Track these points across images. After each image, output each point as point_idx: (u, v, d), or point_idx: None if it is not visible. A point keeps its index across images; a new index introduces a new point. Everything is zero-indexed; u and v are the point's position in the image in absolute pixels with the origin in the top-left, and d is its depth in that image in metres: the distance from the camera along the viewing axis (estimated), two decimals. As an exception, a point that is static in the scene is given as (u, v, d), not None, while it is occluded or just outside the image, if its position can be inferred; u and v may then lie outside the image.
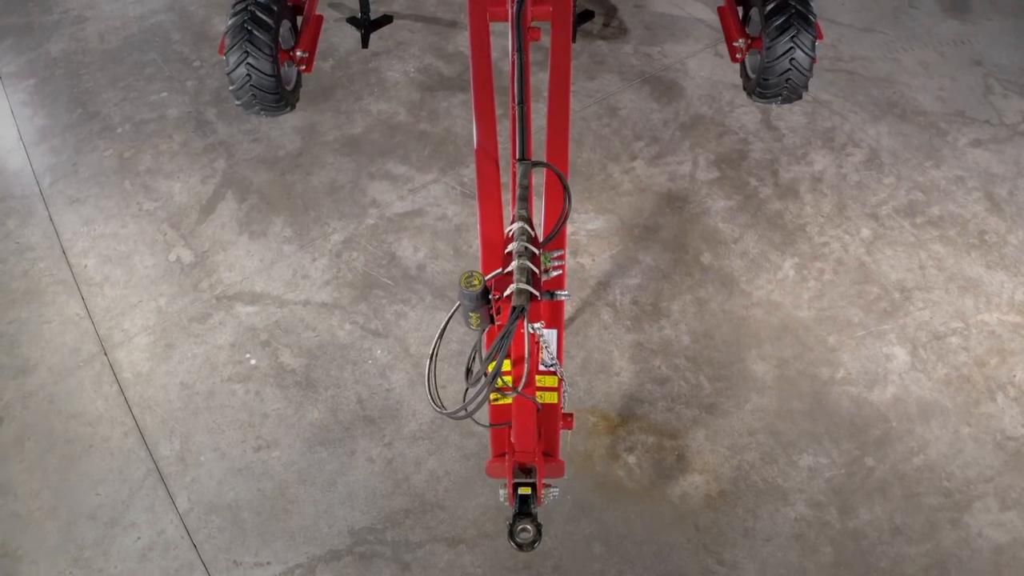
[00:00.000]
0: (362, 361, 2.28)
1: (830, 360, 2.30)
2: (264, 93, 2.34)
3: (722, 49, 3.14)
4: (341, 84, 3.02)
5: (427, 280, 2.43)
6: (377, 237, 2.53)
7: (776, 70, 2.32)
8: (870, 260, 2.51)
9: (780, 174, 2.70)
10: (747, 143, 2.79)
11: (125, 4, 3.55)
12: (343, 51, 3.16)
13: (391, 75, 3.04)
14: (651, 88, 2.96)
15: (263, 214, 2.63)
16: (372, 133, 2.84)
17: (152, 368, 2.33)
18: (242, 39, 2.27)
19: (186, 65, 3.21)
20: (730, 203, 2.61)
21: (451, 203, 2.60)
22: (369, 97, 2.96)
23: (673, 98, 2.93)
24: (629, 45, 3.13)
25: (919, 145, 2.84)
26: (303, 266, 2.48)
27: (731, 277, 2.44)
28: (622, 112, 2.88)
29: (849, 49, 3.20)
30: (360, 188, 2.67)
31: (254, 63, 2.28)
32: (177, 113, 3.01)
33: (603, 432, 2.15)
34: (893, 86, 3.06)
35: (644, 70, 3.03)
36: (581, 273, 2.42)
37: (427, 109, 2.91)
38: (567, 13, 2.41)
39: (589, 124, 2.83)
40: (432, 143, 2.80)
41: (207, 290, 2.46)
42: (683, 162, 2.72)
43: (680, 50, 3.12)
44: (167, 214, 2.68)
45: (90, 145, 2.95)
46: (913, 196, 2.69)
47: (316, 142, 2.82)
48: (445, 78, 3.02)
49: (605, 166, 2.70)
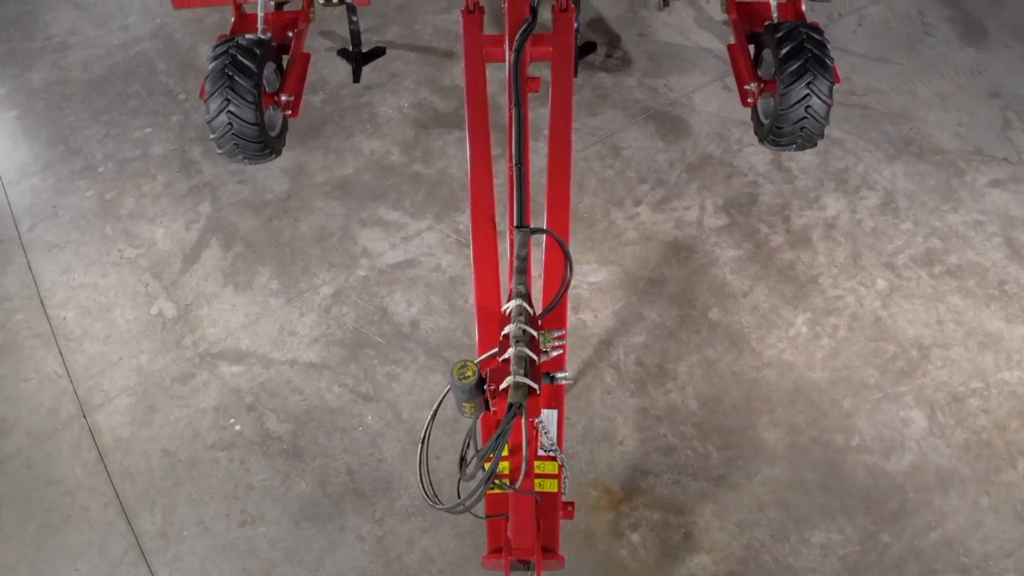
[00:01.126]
0: (352, 428, 2.17)
1: (845, 426, 2.20)
2: (247, 142, 2.21)
3: (730, 82, 3.01)
4: (332, 120, 2.89)
5: (420, 338, 2.32)
6: (368, 290, 2.41)
7: (791, 118, 2.18)
8: (886, 315, 2.40)
9: (792, 220, 2.58)
10: (757, 186, 2.67)
11: (110, 30, 3.43)
12: (334, 84, 3.03)
13: (384, 110, 2.90)
14: (656, 125, 2.84)
15: (249, 264, 2.51)
16: (364, 175, 2.72)
17: (133, 433, 2.23)
18: (223, 85, 2.13)
19: (171, 98, 3.08)
20: (739, 252, 2.50)
21: (446, 252, 2.48)
22: (361, 135, 2.84)
23: (679, 136, 2.81)
24: (633, 77, 2.99)
25: (936, 186, 2.73)
26: (290, 322, 2.38)
27: (741, 335, 2.33)
28: (626, 152, 2.75)
29: (863, 81, 3.07)
30: (351, 236, 2.55)
31: (236, 111, 2.14)
32: (161, 151, 2.89)
33: (605, 507, 2.05)
34: (909, 121, 2.93)
35: (649, 105, 2.90)
36: (583, 331, 2.31)
37: (421, 148, 2.78)
38: (568, 52, 2.29)
39: (591, 165, 2.71)
40: (426, 186, 2.68)
41: (190, 347, 2.36)
42: (690, 207, 2.60)
43: (686, 83, 2.98)
44: (149, 263, 2.57)
45: (71, 185, 2.83)
46: (931, 243, 2.57)
47: (305, 184, 2.71)
48: (440, 114, 2.89)
49: (608, 212, 2.58)
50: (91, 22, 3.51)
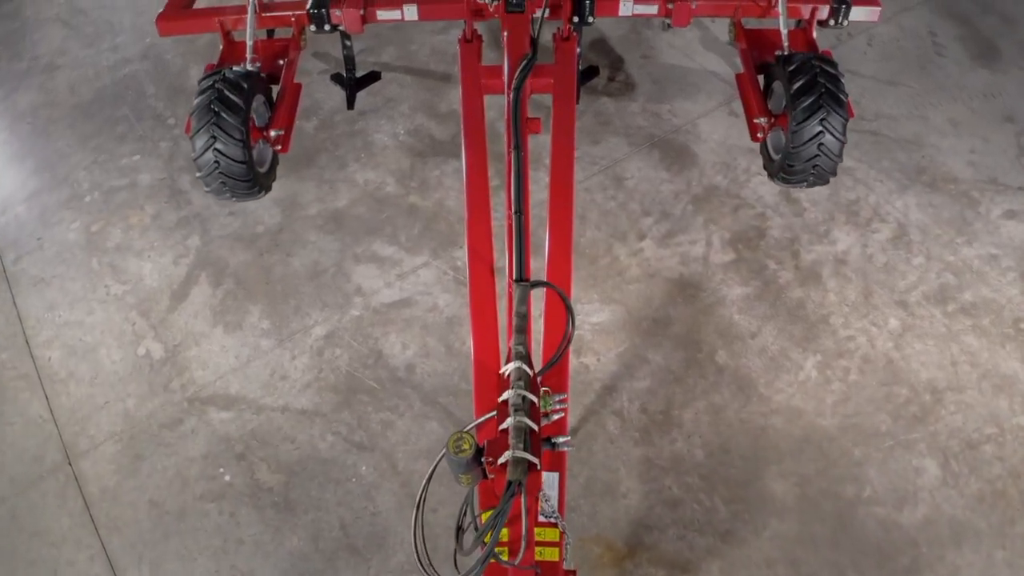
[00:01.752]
0: (345, 479, 2.10)
1: (856, 476, 2.13)
2: (235, 180, 2.13)
3: (737, 108, 2.91)
4: (325, 148, 2.79)
5: (416, 383, 2.25)
6: (362, 331, 2.33)
7: (803, 156, 2.09)
8: (899, 356, 2.32)
9: (801, 255, 2.50)
10: (765, 218, 2.59)
11: (99, 51, 3.33)
12: (328, 109, 2.93)
13: (379, 138, 2.81)
14: (660, 154, 2.74)
15: (239, 302, 2.43)
16: (358, 206, 2.63)
17: (119, 482, 2.16)
18: (209, 122, 2.04)
19: (160, 123, 2.99)
20: (747, 290, 2.42)
21: (443, 291, 2.40)
22: (355, 164, 2.74)
23: (685, 165, 2.72)
24: (636, 103, 2.90)
25: (950, 218, 2.65)
26: (282, 365, 2.30)
27: (749, 379, 2.25)
28: (629, 182, 2.66)
29: (873, 106, 2.98)
30: (344, 272, 2.46)
31: (222, 149, 2.06)
32: (149, 180, 2.80)
33: (608, 565, 1.98)
34: (921, 149, 2.85)
35: (653, 132, 2.80)
36: (585, 375, 2.23)
37: (417, 178, 2.69)
38: (570, 84, 2.18)
39: (594, 196, 2.62)
40: (423, 219, 2.59)
41: (178, 391, 2.28)
42: (696, 242, 2.51)
43: (691, 108, 2.89)
44: (136, 299, 2.49)
45: (56, 216, 2.75)
46: (944, 279, 2.50)
47: (297, 216, 2.62)
48: (437, 142, 2.79)
49: (611, 247, 2.50)
50: (80, 41, 3.42)
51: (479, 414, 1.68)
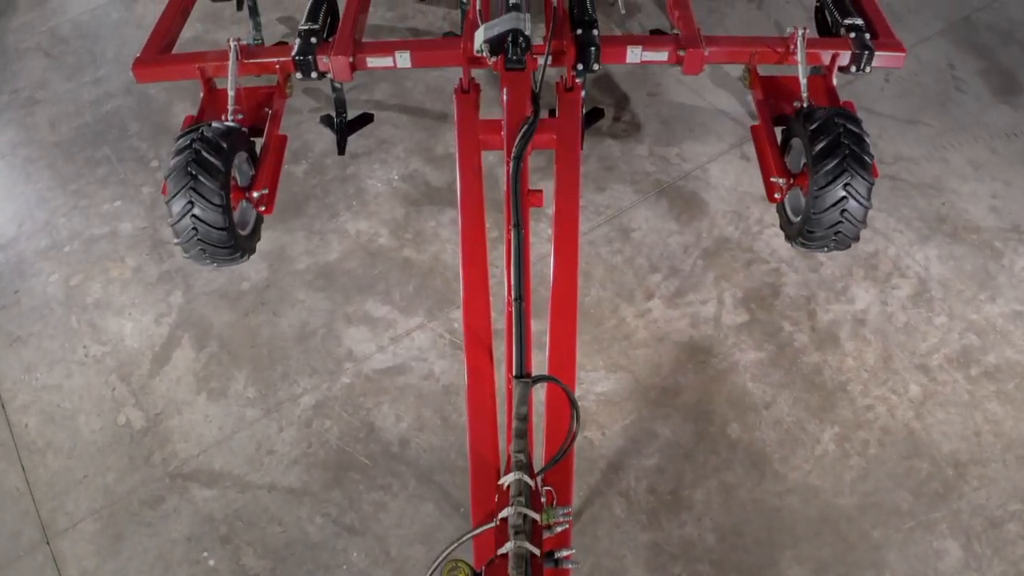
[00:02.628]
0: (336, 566, 1.97)
1: (874, 560, 2.00)
2: (215, 247, 1.99)
3: (748, 151, 2.78)
4: (315, 195, 2.65)
5: (411, 459, 2.12)
6: (353, 401, 2.21)
7: (824, 222, 1.95)
8: (920, 427, 2.21)
9: (818, 315, 2.37)
10: (780, 274, 2.45)
11: (80, 84, 3.19)
12: (318, 151, 2.79)
13: (372, 184, 2.67)
14: (669, 202, 2.60)
15: (224, 367, 2.31)
16: (349, 260, 2.50)
17: (99, 565, 2.02)
18: (186, 186, 1.89)
19: (143, 165, 2.85)
20: (761, 355, 2.30)
21: (439, 357, 2.27)
22: (347, 213, 2.61)
23: (694, 215, 2.59)
24: (643, 145, 2.76)
25: (972, 272, 2.52)
26: (268, 438, 2.18)
27: (763, 455, 2.14)
28: (636, 234, 2.53)
29: (891, 147, 2.85)
30: (335, 334, 2.34)
31: (201, 215, 1.91)
32: (131, 229, 2.67)
33: (615, 663, 1.90)
34: (941, 194, 2.72)
35: (660, 178, 2.66)
36: (589, 451, 2.11)
37: (412, 229, 2.55)
38: (574, 140, 2.02)
39: (598, 250, 2.49)
40: (418, 275, 2.44)
41: (160, 465, 2.16)
42: (707, 301, 2.38)
43: (701, 151, 2.74)
44: (116, 362, 2.36)
45: (35, 267, 2.61)
46: (967, 340, 2.37)
47: (285, 271, 2.48)
48: (433, 188, 2.65)
49: (617, 307, 2.37)
50: (61, 73, 3.28)
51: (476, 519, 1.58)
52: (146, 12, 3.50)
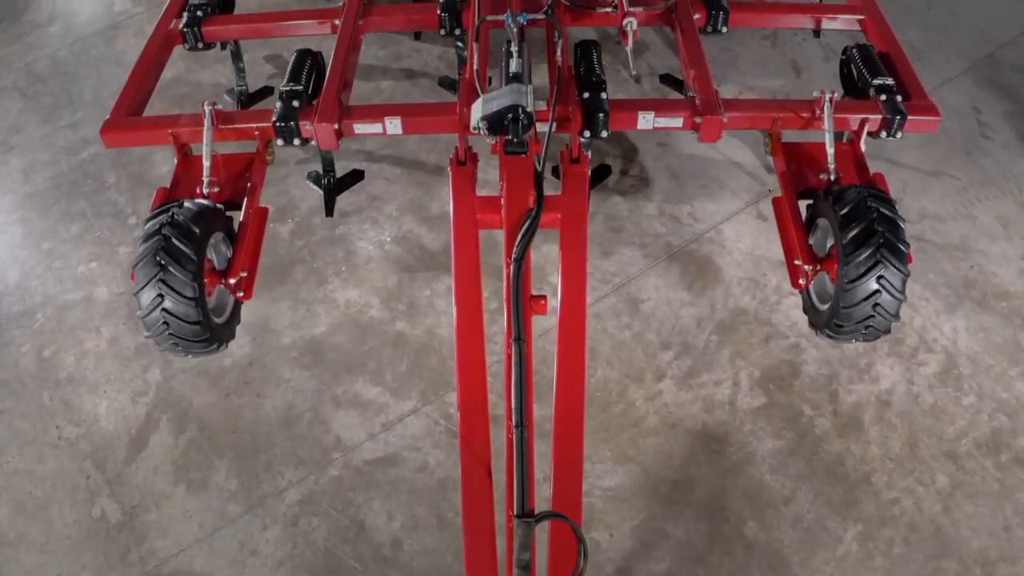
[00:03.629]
0: None
1: (905, 677, 1.90)
2: (188, 340, 1.82)
3: (765, 209, 2.62)
4: (302, 259, 2.48)
5: (404, 563, 1.95)
6: (342, 496, 2.04)
7: (854, 316, 1.78)
8: (947, 522, 2.06)
9: (840, 397, 2.22)
10: (799, 351, 2.29)
11: (56, 128, 3.01)
12: (305, 209, 2.61)
13: (362, 247, 2.49)
14: (680, 268, 2.43)
15: (204, 455, 2.15)
16: (338, 334, 2.32)
17: None
18: (155, 277, 1.72)
19: (119, 222, 2.68)
20: (779, 443, 2.14)
21: (433, 446, 2.10)
22: (335, 279, 2.44)
23: (708, 283, 2.42)
24: (652, 203, 2.59)
25: (1002, 345, 2.35)
26: (251, 537, 2.02)
27: (781, 556, 1.97)
28: (645, 306, 2.36)
29: (916, 203, 2.68)
30: (322, 419, 2.17)
31: (172, 308, 1.75)
32: (107, 294, 2.50)
33: None
34: (969, 256, 2.56)
35: (671, 241, 2.50)
36: (596, 555, 1.93)
37: (405, 299, 2.38)
38: (581, 220, 1.80)
39: (605, 324, 2.32)
40: (411, 352, 2.27)
41: (137, 564, 1.99)
42: (722, 381, 2.22)
43: (714, 210, 2.57)
44: (91, 446, 2.20)
45: (6, 337, 2.43)
46: (996, 422, 2.22)
47: (270, 346, 2.31)
48: (427, 252, 2.48)
49: (625, 390, 2.20)
50: (37, 115, 3.08)
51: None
52: (126, 48, 3.33)
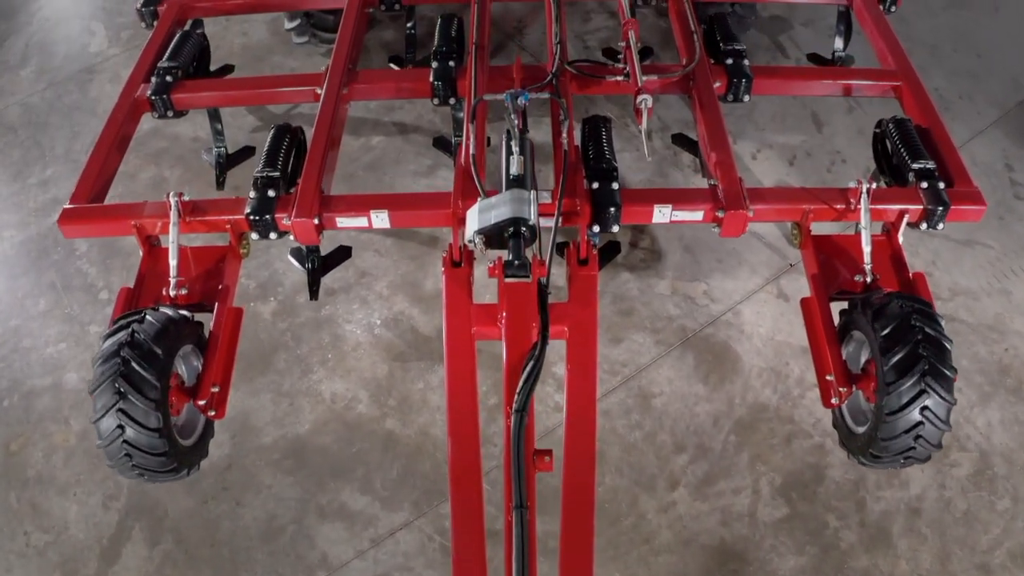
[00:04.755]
0: None
1: None
2: (151, 470, 1.62)
3: (786, 286, 2.42)
4: (285, 344, 2.29)
5: None
6: (328, 624, 1.94)
7: (893, 448, 1.57)
8: (988, 650, 1.93)
9: (867, 505, 2.02)
10: (824, 452, 2.09)
11: (25, 186, 2.79)
12: (289, 286, 2.41)
13: (350, 331, 2.30)
14: (695, 357, 2.24)
15: (180, 570, 1.93)
16: (323, 434, 2.13)
17: None
18: (113, 407, 1.53)
19: (90, 296, 2.48)
20: (802, 560, 1.93)
21: (427, 566, 1.90)
22: (321, 369, 2.24)
23: (725, 374, 2.21)
24: (665, 280, 2.39)
25: (1043, 440, 2.22)
26: (229, 671, 1.91)
27: None
28: (658, 401, 2.17)
29: (947, 277, 2.48)
30: (305, 532, 1.98)
31: (134, 440, 1.55)
32: (76, 380, 2.30)
33: None
34: (1003, 338, 2.35)
35: (685, 324, 2.30)
36: None
37: (396, 394, 2.18)
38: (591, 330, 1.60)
39: (614, 423, 2.12)
40: (403, 456, 2.07)
41: None
42: (740, 489, 2.02)
43: (732, 288, 2.37)
44: (60, 556, 1.99)
45: (-34, 427, 2.33)
46: (1037, 530, 2.08)
47: (250, 447, 2.11)
48: (420, 338, 2.28)
49: (636, 500, 2.00)
50: (7, 170, 2.87)
51: None
52: (101, 95, 3.11)
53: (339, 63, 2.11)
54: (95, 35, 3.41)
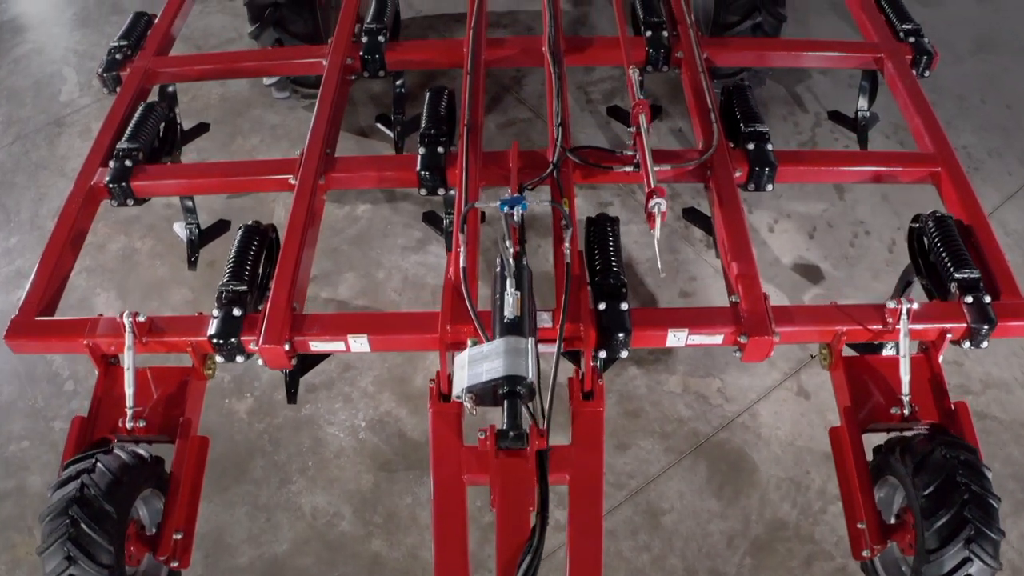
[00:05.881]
0: None
1: None
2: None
3: (807, 381, 2.23)
4: (262, 448, 2.09)
5: None
6: None
7: (933, 615, 1.44)
8: None
9: (899, 642, 1.93)
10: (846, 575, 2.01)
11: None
12: (267, 380, 2.21)
13: (332, 434, 2.10)
14: (708, 467, 2.03)
15: None
16: (303, 555, 1.92)
17: None
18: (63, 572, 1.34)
19: (56, 389, 2.26)
20: None
21: None
22: (300, 478, 2.04)
23: (741, 486, 2.01)
24: (675, 376, 2.17)
25: (1087, 559, 2.05)
26: None
27: None
28: (667, 519, 1.95)
29: (979, 367, 2.25)
30: (283, 675, 1.89)
31: None
32: (40, 483, 2.09)
33: None
34: (1044, 438, 2.23)
35: (697, 428, 2.10)
36: None
37: (383, 509, 1.97)
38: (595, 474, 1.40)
39: (619, 544, 1.92)
40: (390, 582, 1.98)
41: None
42: (757, 623, 1.93)
43: (748, 385, 2.17)
44: None
45: (-81, 536, 2.17)
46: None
47: (224, 567, 1.92)
48: (409, 444, 2.08)
49: (643, 636, 1.91)
50: (-33, 238, 2.76)
51: None
52: (70, 152, 2.89)
53: (315, 148, 1.89)
54: (67, 81, 3.21)
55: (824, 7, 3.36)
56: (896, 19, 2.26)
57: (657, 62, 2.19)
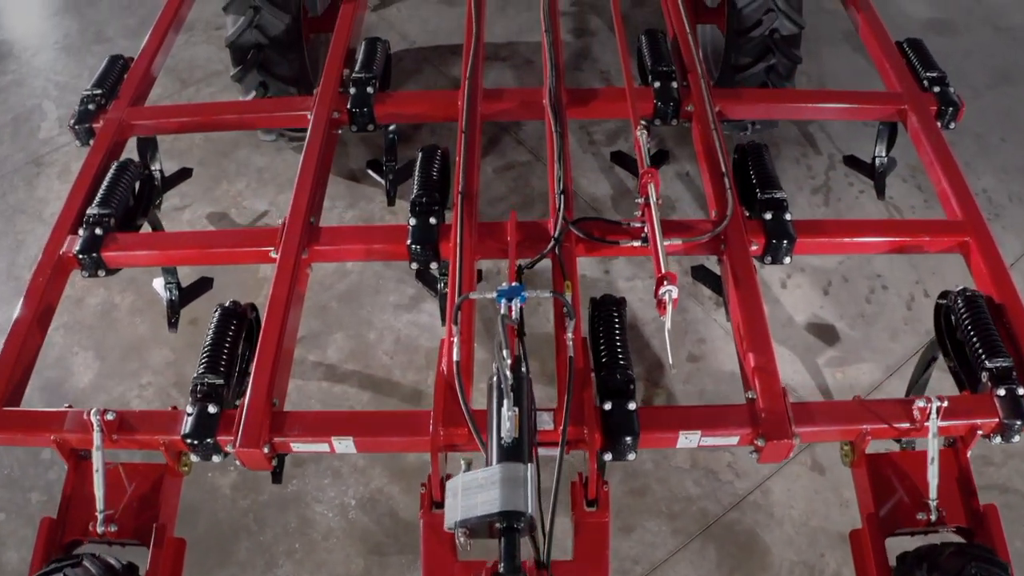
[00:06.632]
0: None
1: None
2: None
3: (822, 455, 2.09)
4: (246, 527, 1.97)
5: None
6: None
7: None
8: None
9: None
10: (867, 675, 1.90)
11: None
12: (253, 451, 2.22)
13: (320, 512, 1.98)
14: (717, 551, 1.91)
15: None
16: (290, 650, 1.89)
17: None
18: None
19: (31, 456, 2.13)
20: None
21: None
22: (287, 562, 1.91)
23: (752, 571, 1.87)
24: (684, 450, 2.06)
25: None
26: None
27: None
28: (674, 609, 1.95)
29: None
30: None
31: None
32: (16, 560, 1.98)
33: None
34: (1071, 515, 2.12)
35: (706, 507, 1.97)
36: None
37: (375, 598, 1.95)
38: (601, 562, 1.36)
39: (623, 638, 1.93)
40: None
41: None
42: None
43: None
44: None
45: None
46: None
47: (205, 662, 1.93)
48: (402, 525, 1.96)
49: None
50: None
51: None
52: (48, 195, 2.76)
53: (297, 217, 1.75)
54: (46, 117, 3.07)
55: (837, 38, 3.22)
56: (920, 66, 2.12)
57: (666, 116, 2.05)
